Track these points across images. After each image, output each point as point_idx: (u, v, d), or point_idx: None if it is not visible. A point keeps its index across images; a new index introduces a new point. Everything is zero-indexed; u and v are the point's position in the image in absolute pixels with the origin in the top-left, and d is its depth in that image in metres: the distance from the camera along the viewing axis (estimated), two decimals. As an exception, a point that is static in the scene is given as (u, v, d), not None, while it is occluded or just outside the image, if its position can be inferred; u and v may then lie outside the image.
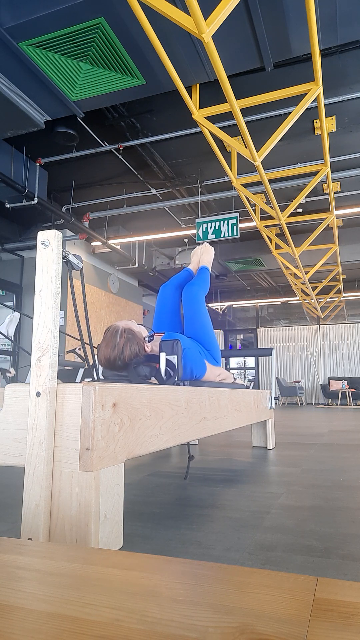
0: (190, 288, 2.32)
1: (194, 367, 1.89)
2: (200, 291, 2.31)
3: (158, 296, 2.47)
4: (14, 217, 6.99)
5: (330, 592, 0.54)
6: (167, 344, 1.68)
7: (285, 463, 2.24)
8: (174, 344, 1.67)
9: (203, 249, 2.62)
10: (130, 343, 1.63)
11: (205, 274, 2.45)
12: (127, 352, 1.62)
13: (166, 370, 1.62)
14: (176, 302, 2.44)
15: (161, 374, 1.58)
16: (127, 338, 1.64)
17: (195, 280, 2.39)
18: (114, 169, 5.80)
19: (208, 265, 2.54)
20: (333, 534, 1.14)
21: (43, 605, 0.52)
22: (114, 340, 1.63)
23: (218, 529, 1.19)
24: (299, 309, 12.97)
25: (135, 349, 1.63)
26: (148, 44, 3.09)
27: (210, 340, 2.22)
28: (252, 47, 3.15)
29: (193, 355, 1.89)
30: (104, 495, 0.94)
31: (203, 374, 1.97)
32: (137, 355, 1.64)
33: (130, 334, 1.65)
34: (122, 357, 1.61)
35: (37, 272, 1.03)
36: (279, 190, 5.98)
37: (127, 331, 1.65)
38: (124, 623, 0.48)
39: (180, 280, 2.50)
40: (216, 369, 2.17)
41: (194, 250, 2.67)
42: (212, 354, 2.21)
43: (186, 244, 8.65)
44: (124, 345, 1.62)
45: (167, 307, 2.41)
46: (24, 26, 2.91)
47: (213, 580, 0.59)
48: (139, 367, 1.63)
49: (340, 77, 4.11)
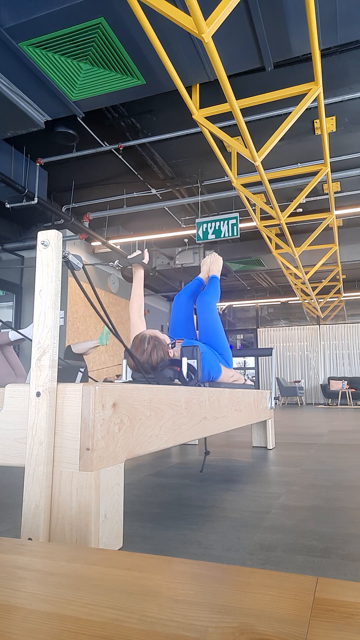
0: (204, 297, 2.51)
1: (211, 370, 2.06)
2: (212, 300, 2.50)
3: (172, 305, 2.66)
4: (14, 217, 6.99)
5: (330, 592, 0.54)
6: (187, 349, 1.87)
7: (285, 463, 2.24)
8: (194, 349, 1.86)
9: (212, 258, 2.77)
10: (157, 349, 1.82)
11: (216, 283, 2.62)
12: (154, 357, 1.80)
13: (188, 373, 1.81)
14: (190, 310, 2.63)
15: (184, 376, 1.78)
16: (154, 344, 1.82)
17: (207, 290, 2.57)
18: (114, 169, 5.80)
19: (217, 274, 2.70)
20: (333, 534, 1.14)
21: (43, 605, 0.52)
22: (142, 346, 1.82)
23: (218, 529, 1.19)
24: (299, 309, 12.97)
25: (161, 354, 1.82)
26: (148, 44, 3.09)
27: (223, 345, 2.39)
28: (252, 47, 3.14)
29: (210, 359, 2.07)
30: (104, 495, 0.94)
31: (219, 375, 2.15)
32: (162, 359, 1.82)
33: (157, 340, 1.84)
34: (150, 361, 1.80)
35: (37, 272, 1.03)
36: (279, 190, 5.97)
37: (153, 338, 1.84)
38: (124, 623, 0.48)
39: (192, 289, 2.68)
40: (229, 371, 2.34)
41: (203, 260, 2.83)
42: (225, 357, 2.37)
43: (186, 244, 8.64)
44: (151, 350, 1.80)
45: (181, 315, 2.59)
46: (24, 26, 2.91)
47: (213, 580, 0.59)
48: (165, 369, 1.81)
49: (340, 77, 4.11)
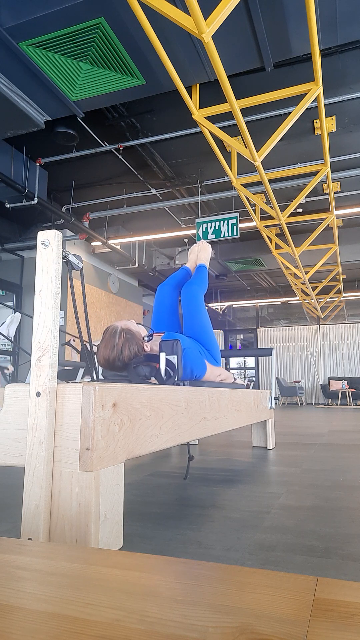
0: (189, 287, 2.29)
1: (194, 367, 1.87)
2: (199, 290, 2.28)
3: (156, 296, 2.43)
4: (14, 217, 6.99)
5: (330, 592, 0.54)
6: (167, 343, 1.66)
7: (285, 463, 2.24)
8: (174, 343, 1.65)
9: (200, 246, 2.57)
10: (129, 343, 1.61)
11: (204, 273, 2.41)
12: (126, 352, 1.60)
13: (166, 370, 1.60)
14: (174, 302, 2.40)
15: (161, 374, 1.57)
16: (126, 338, 1.61)
17: (193, 279, 2.35)
18: (114, 169, 5.80)
19: (206, 263, 2.50)
20: (333, 534, 1.14)
21: (43, 605, 0.52)
22: (113, 340, 1.61)
23: (218, 529, 1.19)
24: (299, 309, 12.97)
25: (134, 348, 1.61)
26: (148, 44, 3.09)
27: (209, 339, 2.19)
28: (252, 47, 3.15)
29: (193, 355, 1.87)
30: (104, 495, 0.94)
31: (203, 374, 1.95)
32: (136, 355, 1.62)
33: (129, 333, 1.63)
34: (121, 357, 1.59)
35: (37, 272, 1.03)
36: (279, 190, 5.97)
37: (125, 331, 1.63)
38: (124, 623, 0.48)
39: (178, 279, 2.45)
40: (216, 369, 2.14)
41: (191, 248, 2.63)
42: (212, 353, 2.18)
43: (186, 244, 8.65)
44: (122, 345, 1.60)
45: (165, 307, 2.38)
46: (24, 26, 2.91)
47: (213, 580, 0.59)
48: (139, 367, 1.60)
49: (340, 77, 4.11)
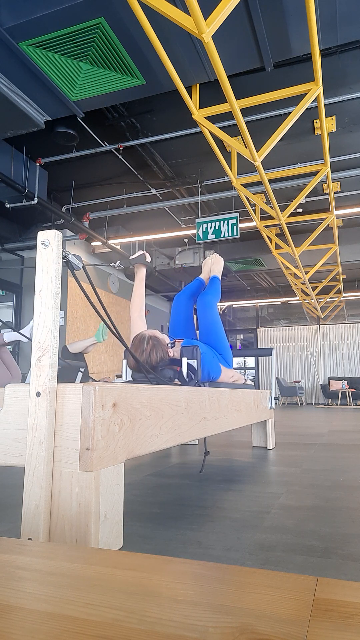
0: (204, 297, 2.49)
1: (210, 370, 2.05)
2: (213, 300, 2.49)
3: (172, 305, 2.65)
4: (14, 217, 6.99)
5: (330, 592, 0.54)
6: (187, 349, 1.87)
7: (285, 463, 2.24)
8: (194, 349, 1.86)
9: (213, 259, 2.77)
10: (156, 349, 1.81)
11: (217, 284, 2.61)
12: (153, 357, 1.80)
13: (187, 373, 1.80)
14: (190, 310, 2.62)
15: (184, 376, 1.77)
16: (153, 344, 1.82)
17: (208, 290, 2.56)
18: (114, 169, 5.80)
19: (218, 274, 2.69)
20: (333, 534, 1.14)
21: (43, 605, 0.52)
22: (142, 346, 1.82)
23: (218, 529, 1.19)
24: (299, 309, 12.97)
25: (160, 354, 1.81)
26: (148, 44, 3.09)
27: (223, 345, 2.38)
28: (252, 47, 3.14)
29: (209, 359, 2.06)
30: (104, 495, 0.93)
31: (218, 375, 2.14)
32: (162, 359, 1.82)
33: (156, 340, 1.83)
34: (149, 361, 1.79)
35: (37, 272, 1.03)
36: (279, 190, 5.97)
37: (152, 338, 1.83)
38: (124, 623, 0.48)
39: (193, 290, 2.67)
40: (229, 371, 2.33)
41: (204, 260, 2.82)
42: (225, 357, 2.36)
43: (186, 244, 8.64)
44: (150, 350, 1.80)
45: (181, 315, 2.59)
46: (24, 26, 2.91)
47: (213, 580, 0.59)
48: (165, 370, 1.81)
49: (340, 77, 4.11)
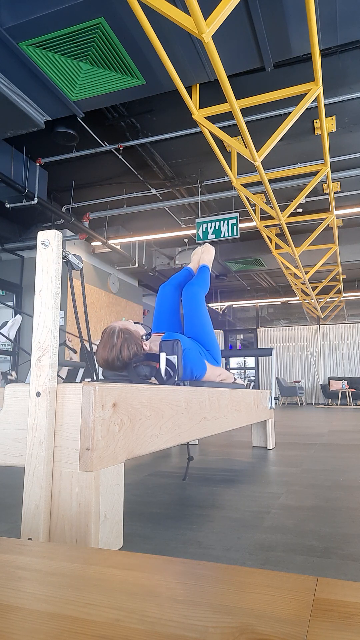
0: (190, 288, 2.30)
1: (194, 368, 1.87)
2: (200, 291, 2.29)
3: (157, 296, 2.44)
4: (14, 217, 6.99)
5: (330, 592, 0.54)
6: (167, 344, 1.66)
7: (285, 463, 2.24)
8: (174, 344, 1.66)
9: (204, 248, 2.60)
10: (128, 343, 1.61)
11: (206, 273, 2.42)
12: (125, 352, 1.60)
13: (166, 370, 1.60)
14: (176, 302, 2.41)
15: (161, 373, 1.57)
16: (125, 338, 1.62)
17: (195, 280, 2.36)
18: (114, 169, 5.80)
19: (208, 264, 2.52)
20: (333, 534, 1.14)
21: (43, 605, 0.52)
22: (111, 340, 1.62)
23: (218, 529, 1.19)
24: (299, 309, 12.97)
25: (133, 348, 1.62)
26: (148, 44, 3.09)
27: (210, 340, 2.20)
28: (252, 47, 3.14)
29: (193, 356, 1.87)
30: (104, 495, 0.93)
31: (203, 374, 1.96)
32: (135, 354, 1.62)
33: (127, 333, 1.63)
34: (120, 357, 1.60)
35: (37, 272, 1.03)
36: (279, 190, 5.97)
37: (124, 331, 1.63)
38: (124, 623, 0.48)
39: (180, 280, 2.46)
40: (216, 369, 2.15)
41: (195, 250, 2.66)
42: (212, 354, 2.19)
43: (186, 244, 8.65)
44: (121, 345, 1.60)
45: (166, 307, 2.39)
46: (24, 26, 2.91)
47: (213, 580, 0.59)
48: (139, 366, 1.61)
49: (340, 77, 4.11)
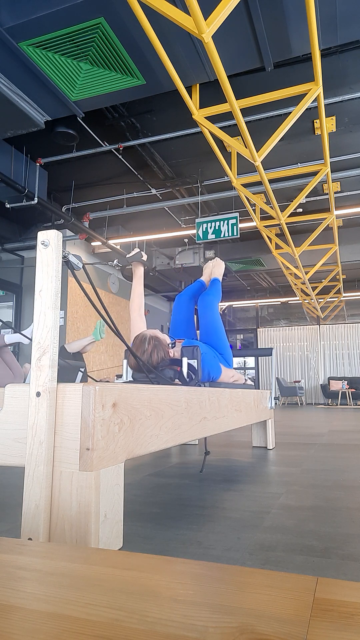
0: (206, 297, 2.52)
1: (211, 370, 2.05)
2: (214, 300, 2.51)
3: (174, 305, 2.67)
4: (14, 217, 6.99)
5: (330, 592, 0.54)
6: (188, 349, 1.86)
7: (285, 463, 2.24)
8: (194, 349, 1.86)
9: (214, 262, 2.81)
10: (157, 349, 1.82)
11: (218, 285, 2.65)
12: (154, 357, 1.80)
13: (188, 373, 1.79)
14: (190, 310, 2.63)
15: (184, 376, 1.76)
16: (154, 345, 1.82)
17: (209, 291, 2.59)
18: (114, 169, 5.79)
19: (219, 277, 2.73)
20: (333, 534, 1.14)
21: (43, 605, 0.52)
22: (143, 346, 1.82)
23: (218, 529, 1.19)
24: (299, 309, 12.97)
25: (161, 354, 1.82)
26: (148, 44, 3.09)
27: (223, 345, 2.39)
28: (252, 47, 3.14)
29: (210, 359, 2.06)
30: (104, 495, 0.93)
31: (219, 376, 2.14)
32: (163, 359, 1.82)
33: (157, 340, 1.83)
34: (150, 361, 1.80)
35: (37, 272, 1.03)
36: (279, 190, 5.97)
37: (154, 338, 1.84)
38: (124, 623, 0.48)
39: (194, 291, 2.70)
40: (229, 371, 2.34)
41: (206, 264, 2.88)
42: (225, 357, 2.37)
43: (186, 244, 8.64)
44: (152, 351, 1.81)
45: (182, 315, 2.61)
46: (24, 26, 2.91)
47: (213, 580, 0.59)
48: (165, 370, 1.80)
49: (340, 77, 4.11)
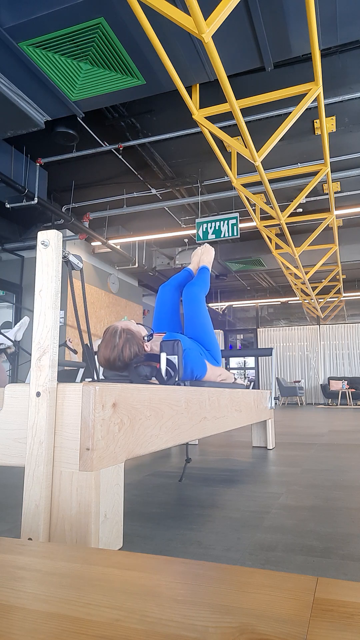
0: (191, 288, 2.29)
1: (194, 368, 1.87)
2: (200, 291, 2.29)
3: (157, 296, 2.43)
4: (14, 217, 6.99)
5: (330, 592, 0.54)
6: (167, 344, 1.66)
7: (285, 463, 2.24)
8: (175, 344, 1.65)
9: (203, 249, 2.59)
10: (130, 343, 1.62)
11: (206, 274, 2.42)
12: (126, 353, 1.60)
13: (167, 371, 1.59)
14: (176, 302, 2.41)
15: (162, 374, 1.56)
16: (126, 338, 1.62)
17: (195, 280, 2.36)
18: (114, 169, 5.80)
19: (208, 265, 2.51)
20: (333, 534, 1.14)
21: (43, 605, 0.52)
22: (113, 340, 1.62)
23: (218, 529, 1.19)
24: (299, 309, 12.97)
25: (134, 349, 1.62)
26: (148, 44, 3.09)
27: (210, 340, 2.20)
28: (252, 47, 3.14)
29: (194, 356, 1.87)
30: (104, 495, 0.93)
31: (204, 374, 1.96)
32: (137, 355, 1.62)
33: (129, 334, 1.63)
34: (121, 357, 1.60)
35: (37, 272, 1.03)
36: (279, 190, 5.97)
37: (125, 331, 1.64)
38: (124, 623, 0.48)
39: (180, 280, 2.46)
40: (217, 369, 2.15)
41: (194, 251, 2.65)
42: (213, 354, 2.19)
43: (186, 244, 8.64)
44: (123, 345, 1.61)
45: (166, 307, 2.39)
46: (24, 26, 2.91)
47: (213, 580, 0.59)
48: (140, 367, 1.61)
49: (340, 77, 4.11)
